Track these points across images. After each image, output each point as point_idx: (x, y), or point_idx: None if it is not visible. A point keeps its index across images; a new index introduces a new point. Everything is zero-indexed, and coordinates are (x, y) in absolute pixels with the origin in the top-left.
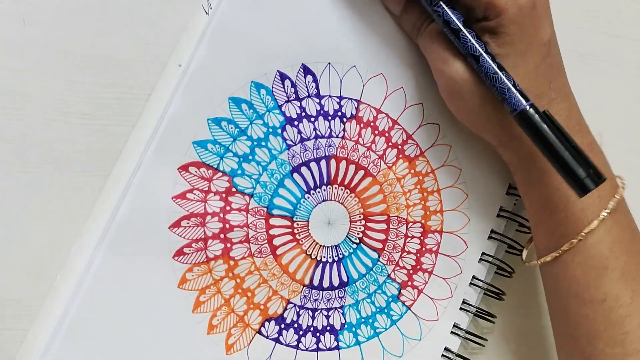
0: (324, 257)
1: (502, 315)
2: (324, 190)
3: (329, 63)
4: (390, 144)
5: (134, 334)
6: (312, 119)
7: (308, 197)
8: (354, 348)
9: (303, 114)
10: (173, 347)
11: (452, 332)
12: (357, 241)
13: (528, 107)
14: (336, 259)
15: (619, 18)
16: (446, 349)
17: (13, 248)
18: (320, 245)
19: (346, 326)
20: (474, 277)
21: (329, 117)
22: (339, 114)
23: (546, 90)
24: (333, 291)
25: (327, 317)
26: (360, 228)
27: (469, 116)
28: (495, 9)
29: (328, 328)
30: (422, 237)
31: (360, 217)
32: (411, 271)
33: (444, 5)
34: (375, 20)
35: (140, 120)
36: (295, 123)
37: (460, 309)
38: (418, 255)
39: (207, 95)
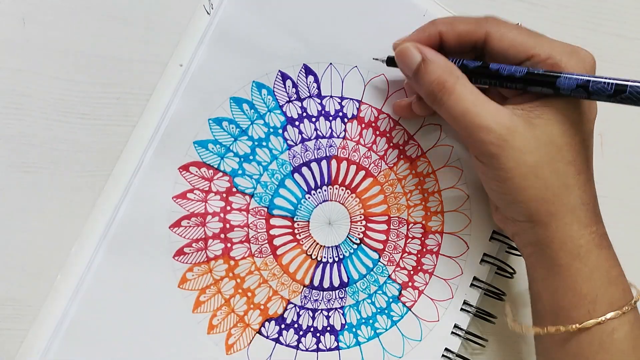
0: (325, 257)
1: (503, 316)
2: (325, 190)
3: (331, 63)
4: (391, 144)
5: (134, 334)
6: (313, 119)
7: (309, 197)
8: (354, 348)
9: (304, 114)
10: (173, 347)
11: (452, 333)
12: (358, 242)
13: (630, 82)
14: (337, 259)
15: (622, 18)
16: (447, 350)
17: (13, 248)
18: (321, 246)
19: (346, 326)
20: (475, 278)
21: (330, 118)
22: (340, 114)
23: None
24: (333, 291)
25: (328, 317)
26: (360, 228)
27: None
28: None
29: (328, 328)
30: (422, 238)
31: (360, 217)
32: (412, 272)
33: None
34: (377, 20)
35: (141, 120)
36: (296, 123)
37: (461, 309)
38: (419, 256)
39: (208, 95)
